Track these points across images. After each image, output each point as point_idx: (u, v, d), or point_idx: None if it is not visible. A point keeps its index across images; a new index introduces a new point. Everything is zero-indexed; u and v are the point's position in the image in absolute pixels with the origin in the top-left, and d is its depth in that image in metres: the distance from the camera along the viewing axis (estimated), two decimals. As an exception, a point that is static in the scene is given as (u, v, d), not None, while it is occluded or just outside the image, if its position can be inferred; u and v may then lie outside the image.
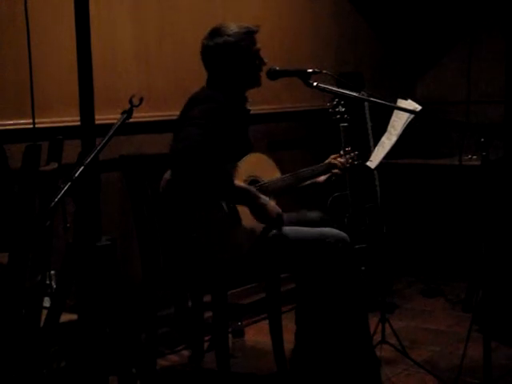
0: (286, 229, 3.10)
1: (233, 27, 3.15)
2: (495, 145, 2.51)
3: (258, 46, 3.19)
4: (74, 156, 2.25)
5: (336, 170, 3.42)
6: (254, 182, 3.13)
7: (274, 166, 3.25)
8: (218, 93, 3.09)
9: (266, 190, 3.14)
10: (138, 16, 3.80)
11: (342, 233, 3.10)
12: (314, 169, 3.38)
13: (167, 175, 2.99)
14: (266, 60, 3.19)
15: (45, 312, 2.40)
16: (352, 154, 3.53)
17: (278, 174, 3.24)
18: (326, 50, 4.91)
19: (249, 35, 3.16)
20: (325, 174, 3.42)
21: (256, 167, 3.14)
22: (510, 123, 4.57)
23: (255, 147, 3.28)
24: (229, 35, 3.12)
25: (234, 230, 2.96)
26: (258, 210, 2.99)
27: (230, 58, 3.12)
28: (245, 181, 3.08)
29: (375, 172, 3.66)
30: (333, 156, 3.47)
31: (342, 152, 3.52)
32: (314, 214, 3.39)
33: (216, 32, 3.15)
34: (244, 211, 3.00)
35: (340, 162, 3.43)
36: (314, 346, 3.24)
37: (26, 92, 2.78)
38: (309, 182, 3.40)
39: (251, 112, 3.28)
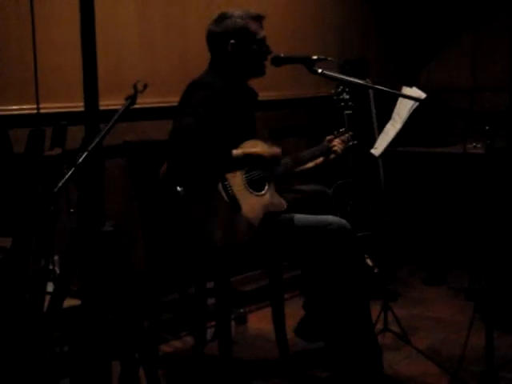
0: (288, 216, 3.10)
1: (240, 12, 3.15)
2: (500, 133, 2.51)
3: (264, 33, 3.18)
4: (78, 141, 2.25)
5: (336, 148, 3.40)
6: (252, 168, 3.13)
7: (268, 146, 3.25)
8: (216, 79, 3.09)
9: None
10: (144, 2, 3.79)
11: (342, 220, 3.10)
12: (312, 151, 3.37)
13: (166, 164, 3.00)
14: (271, 49, 3.18)
15: (48, 297, 2.41)
16: (347, 135, 3.50)
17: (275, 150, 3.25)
18: (331, 37, 4.90)
19: (256, 20, 3.16)
20: (323, 156, 3.41)
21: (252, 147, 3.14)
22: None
23: (257, 134, 3.28)
24: (237, 18, 3.13)
25: (234, 217, 2.96)
26: (257, 162, 3.04)
27: (237, 40, 3.11)
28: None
29: (379, 160, 3.65)
30: (328, 137, 3.45)
31: (335, 132, 3.49)
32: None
33: (224, 16, 3.15)
34: (244, 198, 3.00)
35: (337, 143, 3.42)
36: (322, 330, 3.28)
37: (31, 77, 2.78)
38: (310, 164, 3.40)
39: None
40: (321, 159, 3.41)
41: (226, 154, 2.94)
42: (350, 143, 3.49)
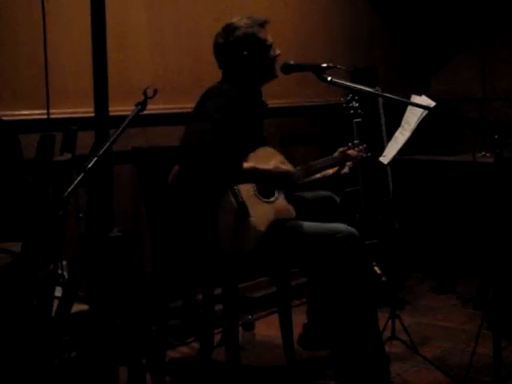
0: (296, 223, 3.10)
1: (246, 20, 3.16)
2: (509, 142, 2.51)
3: (270, 37, 3.20)
4: (88, 147, 2.26)
5: (349, 163, 3.43)
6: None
7: (283, 160, 3.25)
8: (232, 87, 3.10)
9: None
10: (154, 7, 3.80)
11: (351, 228, 3.11)
12: (324, 161, 3.39)
13: (176, 169, 3.00)
14: (278, 51, 3.20)
15: (56, 302, 2.41)
16: (361, 147, 3.52)
17: (287, 168, 3.25)
18: (341, 45, 4.90)
19: (263, 27, 3.17)
20: (334, 167, 3.43)
21: (266, 161, 3.14)
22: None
23: (268, 141, 3.28)
24: (246, 27, 3.13)
25: (243, 224, 2.96)
26: (267, 180, 3.05)
27: (249, 50, 3.12)
28: None
29: (388, 167, 3.65)
30: (341, 149, 3.47)
31: (350, 144, 3.51)
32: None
33: (230, 28, 3.15)
34: (253, 205, 3.01)
35: (352, 154, 3.45)
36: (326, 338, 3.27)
37: (41, 82, 2.79)
38: (318, 175, 3.41)
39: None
40: (330, 172, 3.42)
41: (236, 165, 2.93)
42: (364, 155, 3.51)
